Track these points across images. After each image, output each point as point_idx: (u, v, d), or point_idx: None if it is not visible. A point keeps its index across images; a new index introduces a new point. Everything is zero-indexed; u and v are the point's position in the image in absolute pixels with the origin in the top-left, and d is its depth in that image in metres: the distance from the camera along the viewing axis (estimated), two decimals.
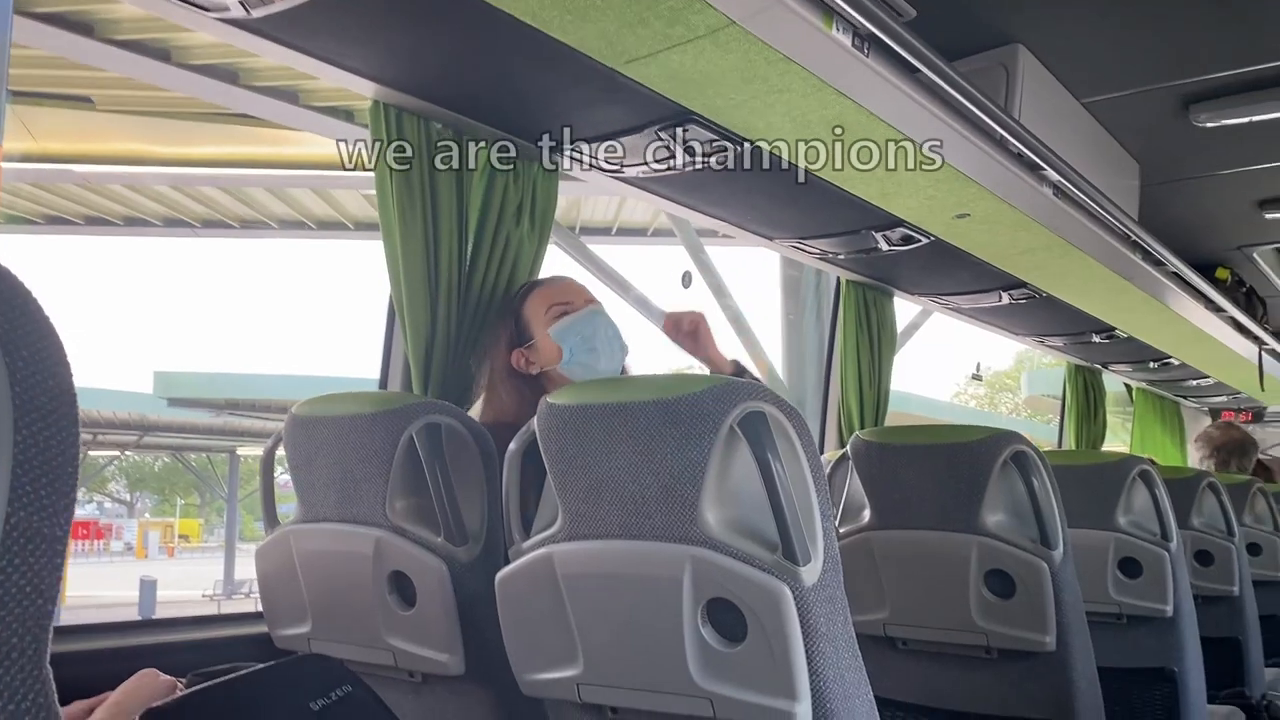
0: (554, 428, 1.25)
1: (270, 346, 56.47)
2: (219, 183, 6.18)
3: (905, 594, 1.87)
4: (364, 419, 1.43)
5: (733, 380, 1.16)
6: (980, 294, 3.25)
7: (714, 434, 1.13)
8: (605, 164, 2.02)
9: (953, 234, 2.52)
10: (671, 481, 1.15)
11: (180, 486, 37.53)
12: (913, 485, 1.84)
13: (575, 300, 1.85)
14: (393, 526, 1.42)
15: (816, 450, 1.16)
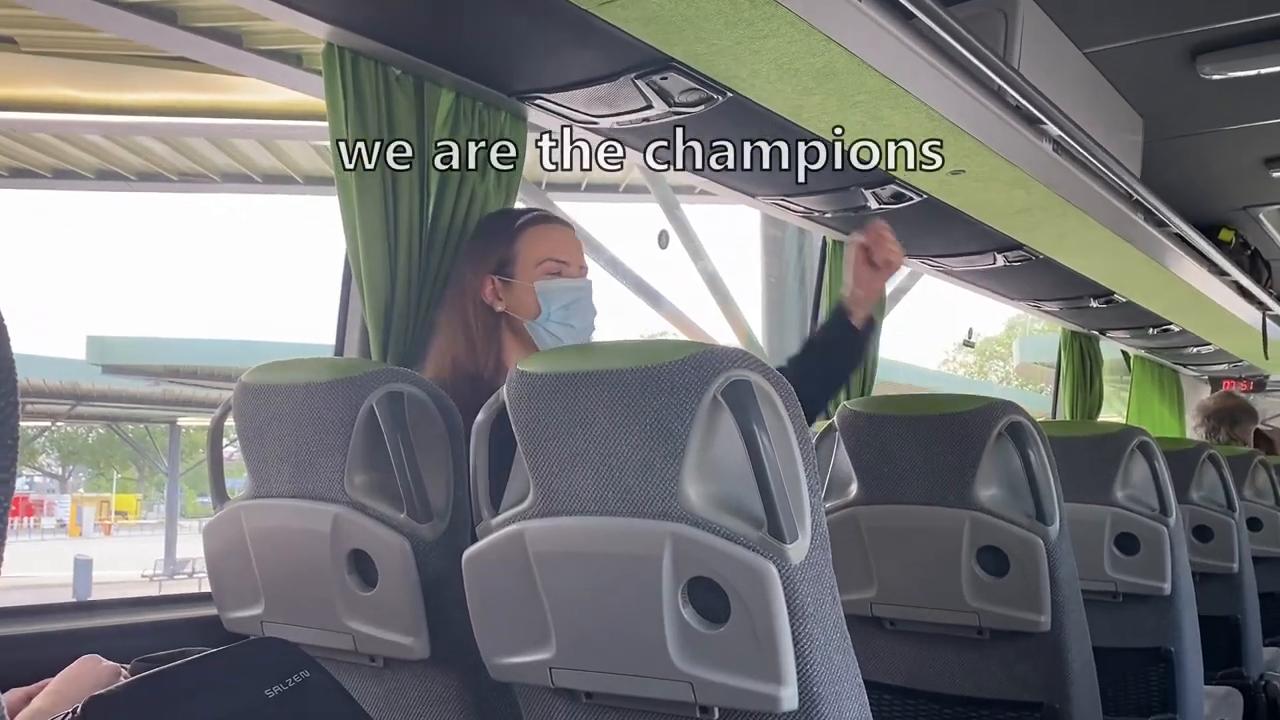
0: (525, 396, 1.24)
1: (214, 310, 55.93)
2: (156, 132, 6.08)
3: (894, 572, 1.89)
4: (320, 387, 1.42)
5: (715, 347, 1.16)
6: (974, 255, 3.26)
7: (696, 404, 1.13)
8: (578, 113, 2.00)
9: (946, 191, 2.53)
10: (650, 454, 1.15)
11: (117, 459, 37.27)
12: (903, 458, 1.85)
13: (573, 264, 1.84)
14: (352, 502, 1.41)
15: (804, 422, 1.16)
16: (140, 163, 6.95)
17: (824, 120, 2.04)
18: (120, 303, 52.76)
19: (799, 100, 1.94)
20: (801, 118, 2.03)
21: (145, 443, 26.59)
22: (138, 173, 7.11)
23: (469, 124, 1.94)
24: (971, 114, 2.06)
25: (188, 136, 6.29)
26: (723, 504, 1.14)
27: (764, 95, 1.92)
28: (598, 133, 2.11)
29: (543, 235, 1.85)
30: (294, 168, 6.67)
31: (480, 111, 1.96)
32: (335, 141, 1.81)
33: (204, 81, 4.98)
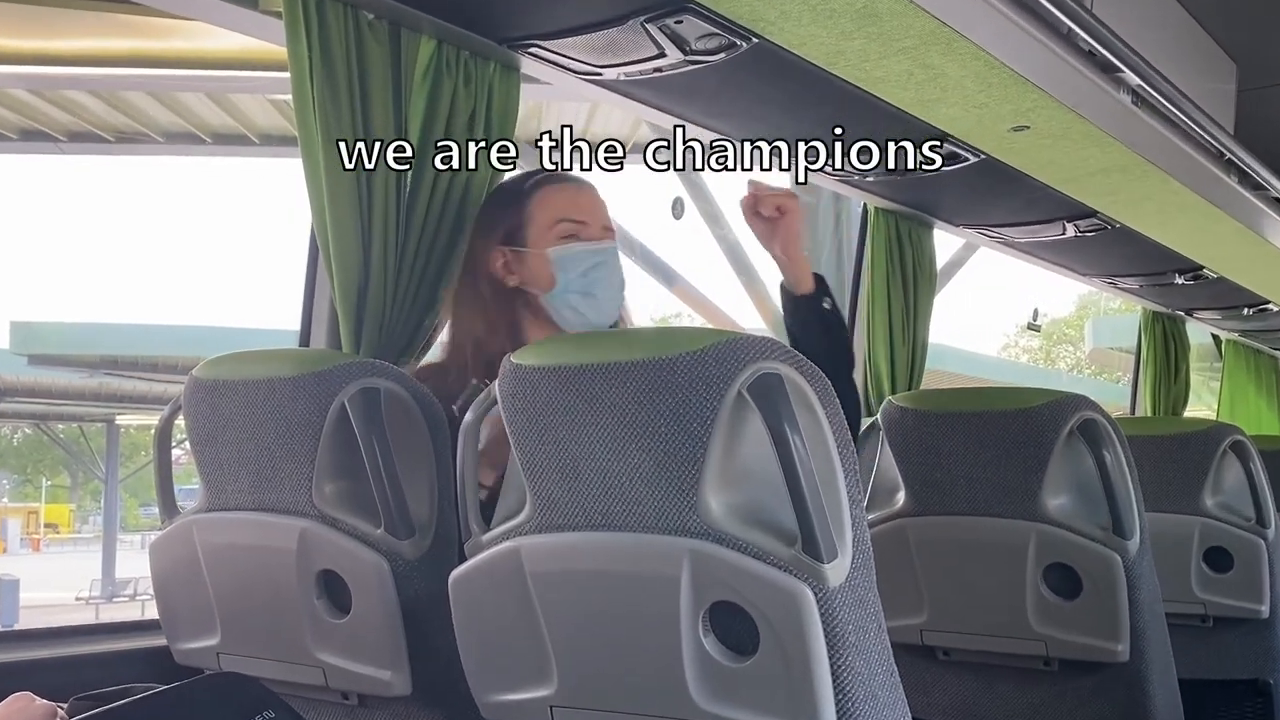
0: (519, 393, 1.25)
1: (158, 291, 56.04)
2: (89, 85, 6.10)
3: (947, 594, 1.90)
4: (284, 383, 1.43)
5: (740, 335, 1.16)
6: (1039, 225, 3.25)
7: (718, 401, 1.13)
8: (578, 64, 2.01)
9: (1007, 151, 2.52)
10: (666, 459, 1.16)
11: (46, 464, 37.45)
12: (958, 462, 1.86)
13: (593, 224, 1.82)
14: (321, 516, 1.42)
15: (844, 421, 1.17)
16: (71, 120, 6.96)
17: (864, 69, 2.04)
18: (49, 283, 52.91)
19: (836, 46, 1.94)
20: (838, 66, 2.03)
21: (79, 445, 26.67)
22: (68, 132, 7.13)
23: (453, 77, 1.94)
24: (1037, 61, 2.05)
25: (125, 90, 6.30)
26: (749, 517, 1.15)
27: (795, 41, 1.92)
28: (601, 86, 2.11)
29: (555, 194, 1.84)
30: (249, 125, 6.68)
31: (466, 62, 1.96)
32: (298, 97, 1.81)
33: (143, 26, 4.98)
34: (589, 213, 1.83)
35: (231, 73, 5.12)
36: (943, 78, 2.09)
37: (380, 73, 1.86)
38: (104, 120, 6.94)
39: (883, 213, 3.12)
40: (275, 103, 6.13)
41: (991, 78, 2.10)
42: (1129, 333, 5.21)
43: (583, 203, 1.84)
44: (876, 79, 2.10)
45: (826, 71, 2.05)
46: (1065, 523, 1.79)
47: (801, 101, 2.23)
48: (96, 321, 22.65)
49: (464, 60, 1.96)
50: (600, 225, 1.83)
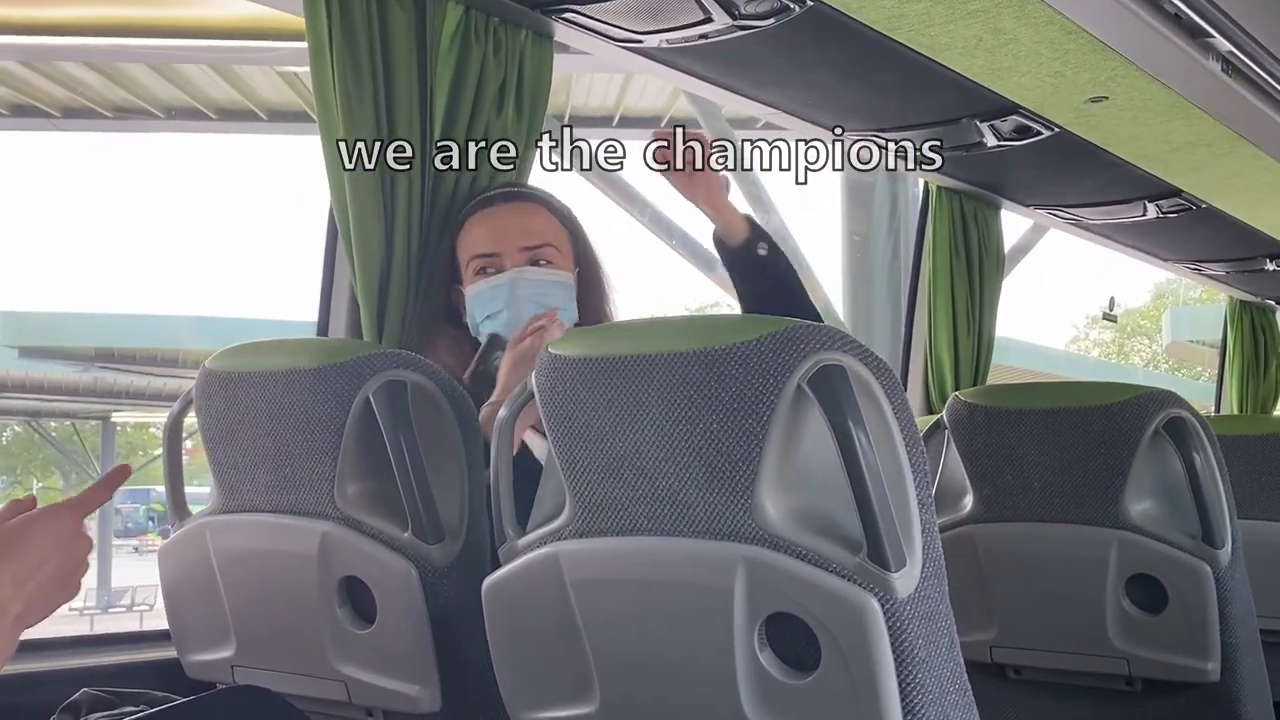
0: (557, 386, 1.25)
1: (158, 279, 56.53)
2: (85, 57, 6.16)
3: (1020, 608, 1.89)
4: (304, 375, 1.44)
5: (799, 323, 1.16)
6: (1117, 205, 3.23)
7: (776, 395, 1.13)
8: (617, 30, 2.01)
9: (1084, 124, 2.51)
10: (718, 459, 1.15)
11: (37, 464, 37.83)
12: (1031, 463, 1.85)
13: (504, 250, 1.82)
14: (344, 518, 1.43)
15: (912, 418, 1.17)
16: (65, 95, 7.03)
17: (928, 35, 2.03)
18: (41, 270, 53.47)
19: (898, 9, 1.93)
20: (900, 32, 2.02)
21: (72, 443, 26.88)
22: (62, 107, 7.20)
23: (481, 45, 1.95)
24: (1118, 25, 2.04)
25: (123, 62, 6.35)
26: (810, 522, 1.15)
27: (852, 4, 1.91)
28: (641, 54, 2.11)
29: (475, 226, 1.86)
30: (256, 100, 6.72)
31: (495, 29, 1.97)
32: (316, 68, 1.82)
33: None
34: (504, 239, 1.83)
35: (237, 43, 5.16)
36: (1015, 44, 2.08)
37: (404, 42, 1.87)
38: (101, 94, 6.99)
39: (946, 192, 3.11)
40: (285, 75, 6.16)
41: (1068, 44, 2.08)
42: (1211, 324, 5.18)
43: (501, 228, 1.85)
44: (942, 45, 2.09)
45: (887, 37, 2.04)
46: (1150, 530, 1.78)
47: (858, 69, 2.22)
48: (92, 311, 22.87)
49: (493, 27, 1.97)
50: (518, 249, 1.82)
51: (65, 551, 1.17)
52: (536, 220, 1.86)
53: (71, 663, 1.76)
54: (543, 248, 1.83)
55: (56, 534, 1.17)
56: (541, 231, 1.85)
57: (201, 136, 10.69)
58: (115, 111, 7.25)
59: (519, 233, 1.84)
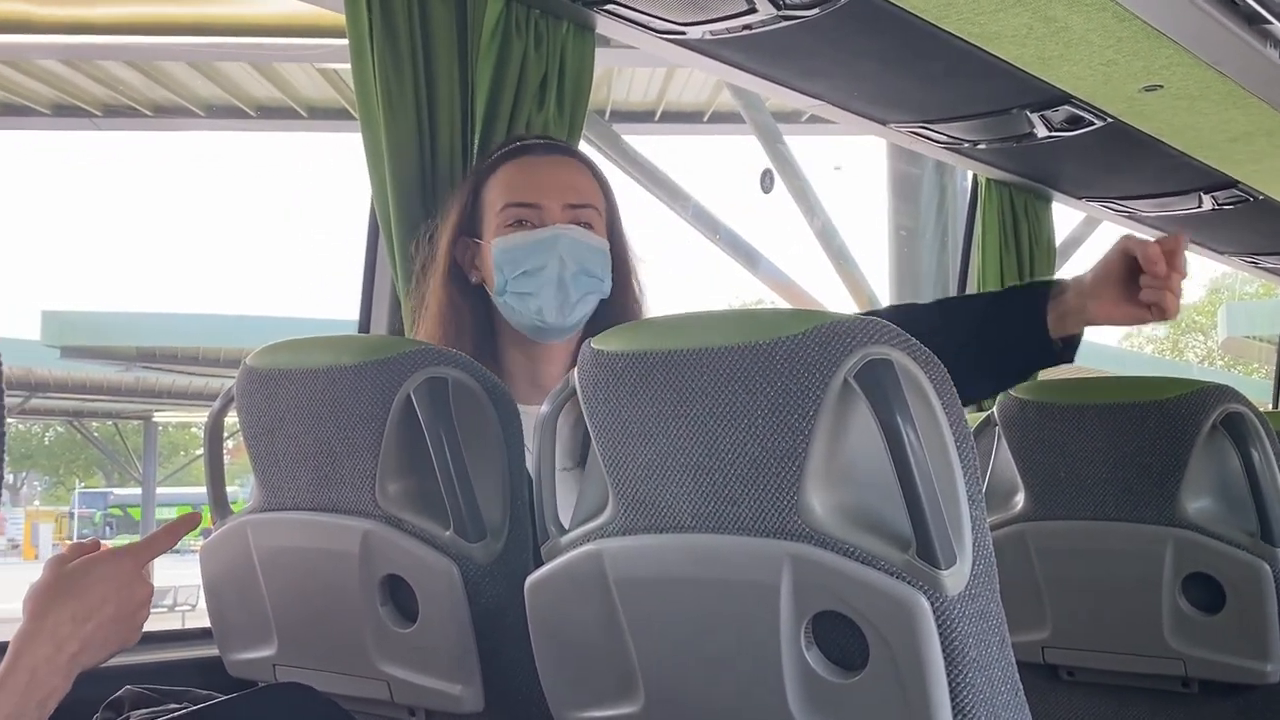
0: (601, 382, 1.25)
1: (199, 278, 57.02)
2: (126, 55, 6.22)
3: (1073, 607, 1.87)
4: (345, 372, 1.45)
5: (845, 317, 1.16)
6: (1172, 197, 3.21)
7: (822, 390, 1.13)
8: (660, 22, 2.01)
9: (1137, 114, 2.49)
10: (763, 455, 1.15)
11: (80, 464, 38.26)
12: (1084, 460, 1.83)
13: (547, 204, 1.71)
14: (386, 516, 1.44)
15: (962, 414, 1.16)
16: (106, 94, 7.11)
17: (978, 23, 2.02)
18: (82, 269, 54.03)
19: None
20: (949, 21, 2.01)
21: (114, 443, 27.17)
22: (104, 106, 7.28)
23: (523, 38, 1.96)
24: (1172, 12, 2.02)
25: (164, 60, 6.42)
26: (857, 518, 1.14)
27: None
28: (684, 46, 2.11)
29: (510, 172, 1.75)
30: (296, 98, 6.77)
31: (537, 22, 1.98)
32: (357, 64, 1.83)
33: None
34: (547, 191, 1.72)
35: (277, 40, 5.20)
36: (1066, 32, 2.07)
37: (445, 36, 1.89)
38: (141, 93, 7.06)
39: (995, 184, 3.10)
40: (325, 72, 6.20)
41: (1121, 32, 2.07)
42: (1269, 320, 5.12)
43: (544, 179, 1.74)
44: (991, 34, 2.08)
45: (935, 26, 2.03)
46: (1207, 528, 1.75)
47: (905, 59, 2.22)
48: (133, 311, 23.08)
49: (534, 20, 1.98)
50: (562, 205, 1.72)
51: (125, 593, 1.21)
52: (580, 178, 1.77)
53: (114, 660, 1.77)
54: (585, 208, 1.74)
55: (117, 576, 1.22)
56: (585, 191, 1.76)
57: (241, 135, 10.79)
58: (155, 110, 7.32)
59: (563, 187, 1.74)
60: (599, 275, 1.74)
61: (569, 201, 1.73)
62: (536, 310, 1.71)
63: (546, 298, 1.70)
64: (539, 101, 1.98)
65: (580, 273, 1.71)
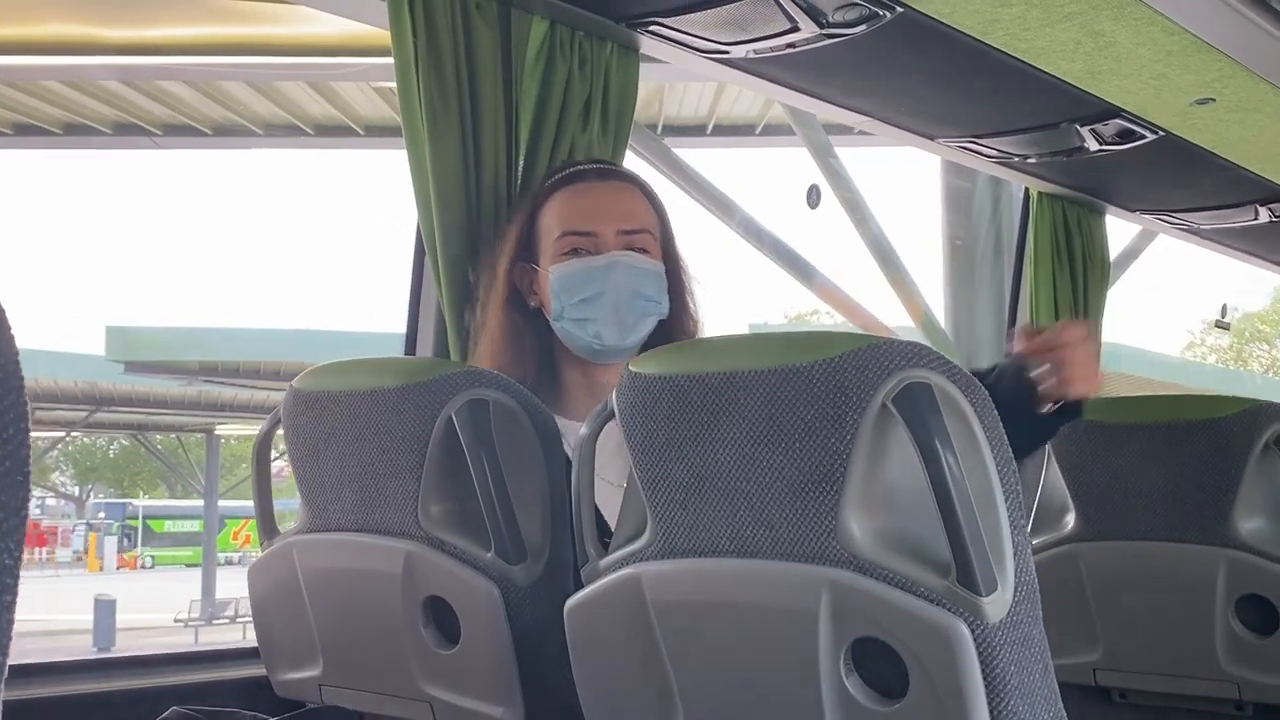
0: (638, 405, 1.25)
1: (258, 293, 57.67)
2: (185, 76, 6.31)
3: (1124, 629, 1.85)
4: (388, 394, 1.46)
5: (884, 339, 1.15)
6: (1227, 209, 3.16)
7: (860, 414, 1.12)
8: (703, 42, 2.01)
9: (1190, 127, 2.45)
10: (801, 479, 1.14)
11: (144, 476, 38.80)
12: (1136, 479, 1.81)
13: (602, 231, 1.73)
14: (428, 537, 1.44)
15: (1004, 435, 1.15)
16: (166, 113, 7.21)
17: (1024, 39, 2.00)
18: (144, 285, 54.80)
19: (991, 13, 1.91)
20: (994, 37, 1.99)
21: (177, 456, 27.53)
22: (163, 125, 7.38)
23: (567, 59, 1.96)
24: (1223, 24, 1.99)
25: (222, 80, 6.50)
26: (896, 543, 1.13)
27: (945, 9, 1.89)
28: (728, 65, 2.11)
29: (566, 200, 1.77)
30: (352, 116, 6.83)
31: (581, 44, 1.98)
32: (403, 85, 1.84)
33: (240, 12, 5.13)
34: (602, 218, 1.74)
35: (333, 59, 5.25)
36: (1114, 46, 2.05)
37: (490, 57, 1.89)
38: (200, 112, 7.16)
39: (1047, 198, 3.06)
40: (380, 91, 6.25)
41: (1170, 45, 2.04)
42: None
43: (598, 207, 1.76)
44: (1038, 50, 2.06)
45: (981, 41, 2.02)
46: (1260, 549, 1.73)
47: (952, 75, 2.20)
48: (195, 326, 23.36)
49: (579, 41, 1.98)
50: (616, 232, 1.73)
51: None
52: (634, 203, 1.78)
53: (162, 680, 1.79)
54: (640, 233, 1.75)
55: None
56: (639, 216, 1.77)
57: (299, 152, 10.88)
58: (214, 128, 7.41)
59: (618, 214, 1.75)
60: (655, 298, 1.76)
61: (624, 228, 1.74)
62: (595, 334, 1.73)
63: (604, 322, 1.72)
64: (583, 122, 1.98)
65: (636, 297, 1.73)
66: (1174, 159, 2.67)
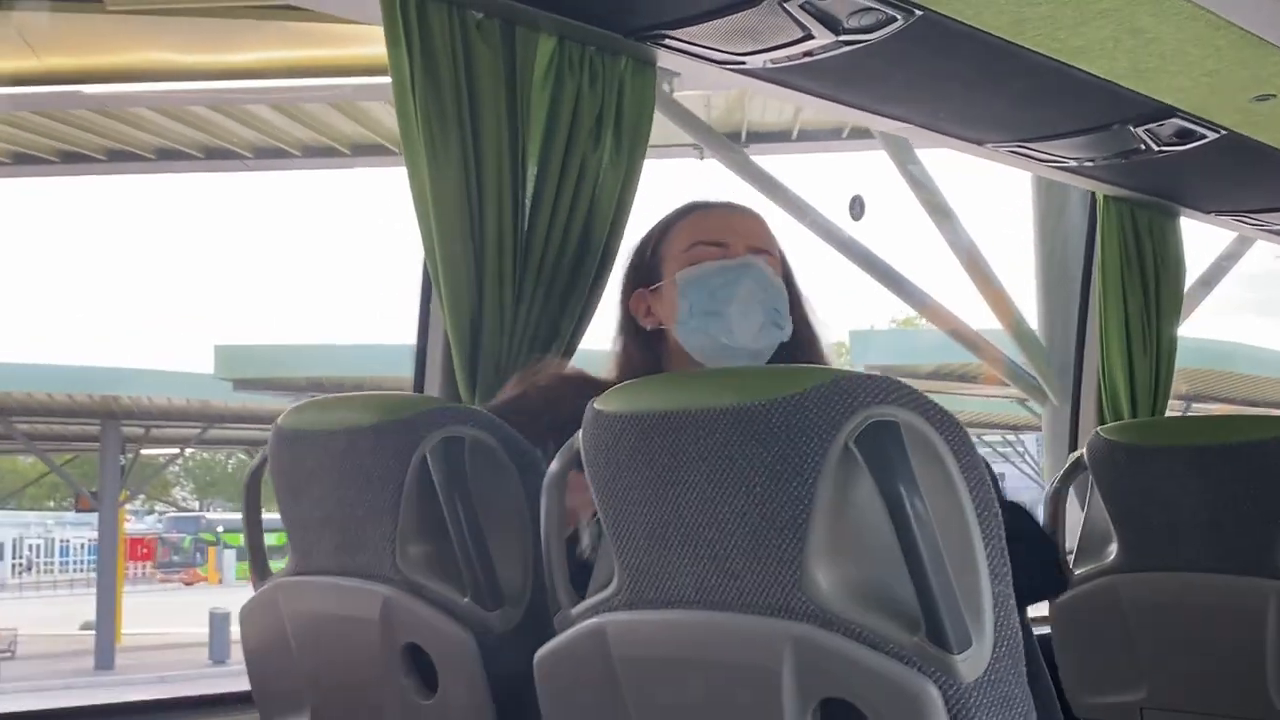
0: (602, 445, 1.19)
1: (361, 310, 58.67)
2: (271, 99, 6.39)
3: (1171, 664, 1.76)
4: (364, 433, 1.41)
5: (847, 374, 1.07)
6: None
7: (821, 455, 1.04)
8: (717, 52, 1.94)
9: (1253, 124, 2.32)
10: (764, 526, 1.07)
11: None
12: (1181, 507, 1.72)
13: (733, 243, 1.73)
14: (405, 582, 1.39)
15: (985, 478, 1.06)
16: (255, 137, 7.32)
17: (1057, 39, 1.90)
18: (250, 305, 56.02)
19: (1018, 13, 1.80)
20: (1025, 37, 1.89)
21: None
22: (254, 148, 7.49)
23: (575, 76, 1.90)
24: (1273, 18, 1.87)
25: (308, 102, 6.57)
26: (865, 595, 1.05)
27: (967, 11, 1.79)
28: (749, 75, 2.03)
29: (696, 220, 1.77)
30: None
31: (591, 59, 1.92)
32: (401, 109, 1.80)
33: (323, 34, 5.16)
34: (733, 234, 1.74)
35: None
36: (1158, 43, 1.93)
37: (491, 78, 1.84)
38: (289, 134, 7.26)
39: (1114, 201, 2.92)
40: None
41: (1218, 40, 1.92)
42: None
43: (731, 224, 1.76)
44: (1075, 49, 1.95)
45: (1011, 42, 1.92)
46: None
47: (987, 78, 2.10)
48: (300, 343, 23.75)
49: (589, 57, 1.92)
50: (746, 246, 1.73)
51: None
52: (759, 226, 1.78)
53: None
54: (765, 253, 1.75)
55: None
56: (764, 238, 1.77)
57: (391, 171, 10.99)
58: (303, 150, 7.51)
59: (748, 232, 1.75)
60: (783, 313, 1.74)
61: (752, 244, 1.74)
62: (725, 329, 1.69)
63: (736, 316, 1.69)
64: (595, 140, 1.92)
65: (768, 305, 1.71)
66: (1244, 158, 2.53)
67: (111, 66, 5.99)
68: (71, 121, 7.14)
